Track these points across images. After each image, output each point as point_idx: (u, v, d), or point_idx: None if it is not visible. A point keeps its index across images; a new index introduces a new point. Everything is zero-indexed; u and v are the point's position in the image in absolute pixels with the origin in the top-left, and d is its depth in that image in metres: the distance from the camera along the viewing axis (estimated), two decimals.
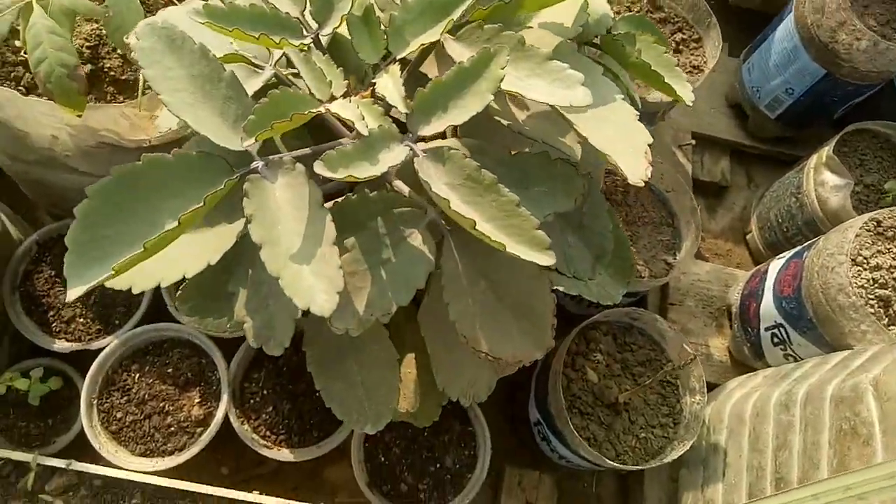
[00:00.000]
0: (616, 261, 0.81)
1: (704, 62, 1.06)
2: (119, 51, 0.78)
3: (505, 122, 0.55)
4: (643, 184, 0.47)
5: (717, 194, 1.32)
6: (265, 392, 0.91)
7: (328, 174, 0.39)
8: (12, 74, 0.75)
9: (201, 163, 0.45)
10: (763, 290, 1.00)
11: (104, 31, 0.78)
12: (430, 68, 0.58)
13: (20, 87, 0.75)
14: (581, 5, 0.61)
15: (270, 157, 0.45)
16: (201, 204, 0.42)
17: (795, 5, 1.06)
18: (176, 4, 0.81)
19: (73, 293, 0.42)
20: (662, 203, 1.06)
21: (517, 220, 0.43)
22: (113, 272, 0.42)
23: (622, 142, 0.49)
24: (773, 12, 1.23)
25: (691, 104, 0.63)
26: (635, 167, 0.47)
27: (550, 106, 0.50)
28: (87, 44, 0.77)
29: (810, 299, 0.88)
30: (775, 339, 0.98)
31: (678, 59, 1.08)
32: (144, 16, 0.67)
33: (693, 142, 1.22)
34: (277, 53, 0.52)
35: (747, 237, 1.29)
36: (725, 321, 1.13)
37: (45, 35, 0.60)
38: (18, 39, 0.74)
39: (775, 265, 1.00)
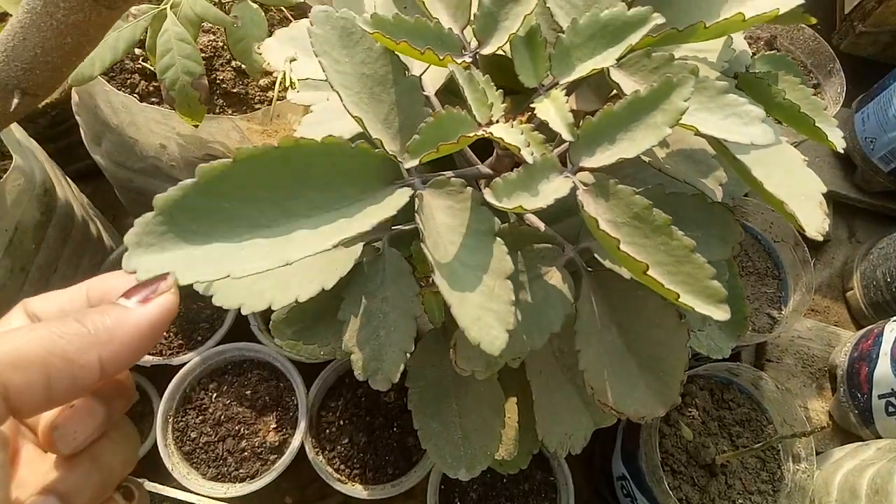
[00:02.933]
0: None
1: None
2: (232, 64, 0.77)
3: (645, 159, 0.51)
4: (821, 238, 0.42)
5: (816, 247, 1.25)
6: (342, 422, 0.88)
7: (495, 203, 0.36)
8: (128, 81, 0.75)
9: (378, 161, 0.39)
10: (878, 354, 0.92)
11: (219, 44, 0.78)
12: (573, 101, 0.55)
13: (135, 94, 0.74)
14: (725, 40, 0.58)
15: (431, 175, 0.41)
16: (370, 227, 0.37)
17: None
18: (291, 21, 0.80)
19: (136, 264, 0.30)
20: (768, 254, 1.00)
21: (689, 268, 0.39)
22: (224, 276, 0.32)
23: (794, 189, 0.45)
24: (887, 61, 1.16)
25: (843, 150, 0.58)
26: (813, 218, 0.43)
27: (713, 144, 0.47)
28: (203, 55, 0.76)
29: None
30: (890, 409, 0.90)
31: None
32: (268, 30, 0.66)
33: None
34: (416, 70, 0.50)
35: (847, 294, 1.21)
36: (826, 383, 1.05)
37: (175, 42, 0.59)
38: (139, 47, 0.74)
39: (892, 327, 0.93)
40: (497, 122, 0.41)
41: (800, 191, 0.45)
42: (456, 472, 0.61)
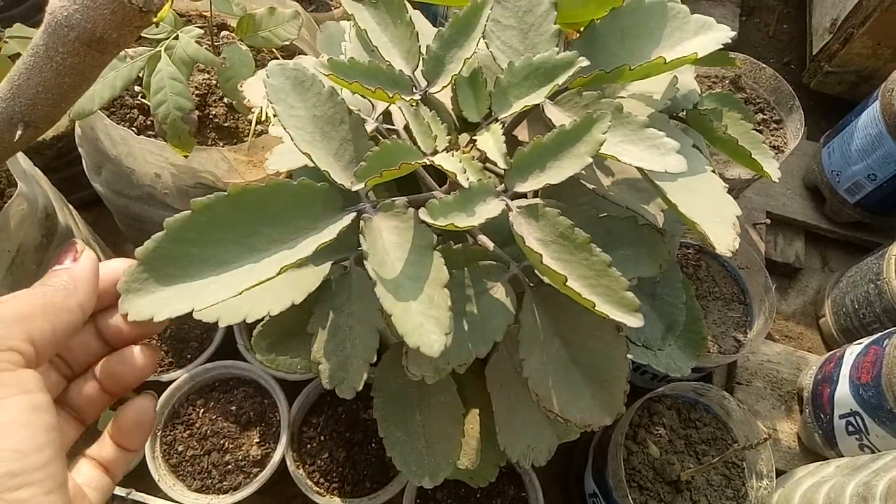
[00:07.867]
0: (687, 333, 0.80)
1: (785, 143, 1.06)
2: (224, 100, 0.83)
3: (590, 186, 0.56)
4: (730, 254, 0.47)
5: (790, 276, 1.30)
6: (322, 438, 0.92)
7: (430, 221, 0.41)
8: (128, 116, 0.81)
9: (321, 193, 0.44)
10: (839, 376, 0.96)
11: (213, 82, 0.84)
12: (521, 132, 0.60)
13: (133, 128, 0.80)
14: (671, 80, 0.63)
15: (380, 200, 0.46)
16: (310, 253, 0.42)
17: (882, 92, 1.06)
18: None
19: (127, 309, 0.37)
20: (734, 280, 1.05)
21: (607, 280, 0.44)
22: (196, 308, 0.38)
23: (711, 211, 0.50)
24: (854, 99, 1.22)
25: (777, 180, 0.63)
26: (724, 237, 0.48)
27: (640, 172, 0.52)
28: (197, 92, 0.82)
29: (891, 388, 0.85)
30: (850, 428, 0.93)
31: None
32: (255, 69, 0.72)
33: (768, 221, 1.21)
34: (380, 108, 0.55)
35: (820, 321, 1.25)
36: (795, 406, 1.09)
37: (168, 81, 0.66)
38: (138, 85, 0.81)
39: (852, 350, 0.97)
40: (441, 152, 0.46)
41: (717, 213, 0.50)
42: (420, 480, 0.64)
